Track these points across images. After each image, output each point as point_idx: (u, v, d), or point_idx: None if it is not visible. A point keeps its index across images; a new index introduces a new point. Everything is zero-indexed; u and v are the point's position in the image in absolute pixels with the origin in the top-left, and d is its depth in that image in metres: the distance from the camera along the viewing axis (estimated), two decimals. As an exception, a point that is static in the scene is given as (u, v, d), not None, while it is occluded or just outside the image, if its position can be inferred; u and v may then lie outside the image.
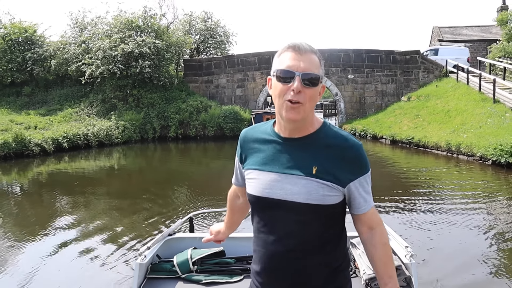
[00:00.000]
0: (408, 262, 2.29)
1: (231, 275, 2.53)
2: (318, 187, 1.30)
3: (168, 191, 9.46)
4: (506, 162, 10.32)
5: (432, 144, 14.09)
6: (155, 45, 21.19)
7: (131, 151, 18.22)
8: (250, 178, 1.41)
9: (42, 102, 23.64)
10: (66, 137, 17.06)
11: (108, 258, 5.03)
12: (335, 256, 1.40)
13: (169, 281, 2.45)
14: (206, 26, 28.58)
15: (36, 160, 15.04)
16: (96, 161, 15.60)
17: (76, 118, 20.74)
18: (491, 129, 12.94)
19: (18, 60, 24.04)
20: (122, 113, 20.94)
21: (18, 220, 7.42)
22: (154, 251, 2.60)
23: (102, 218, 7.13)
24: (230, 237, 2.77)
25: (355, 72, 22.87)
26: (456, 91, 18.11)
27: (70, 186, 10.47)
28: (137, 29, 22.14)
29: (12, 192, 10.11)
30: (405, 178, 10.35)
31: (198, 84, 24.05)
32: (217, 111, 21.22)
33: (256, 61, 23.43)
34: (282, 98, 1.30)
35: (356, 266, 2.58)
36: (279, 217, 1.34)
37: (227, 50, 29.59)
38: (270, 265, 1.36)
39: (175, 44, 22.72)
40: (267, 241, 1.36)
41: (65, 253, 5.41)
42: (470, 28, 30.08)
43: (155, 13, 23.52)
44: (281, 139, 1.37)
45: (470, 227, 6.07)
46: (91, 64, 21.27)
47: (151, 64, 21.29)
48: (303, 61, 1.29)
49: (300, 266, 1.34)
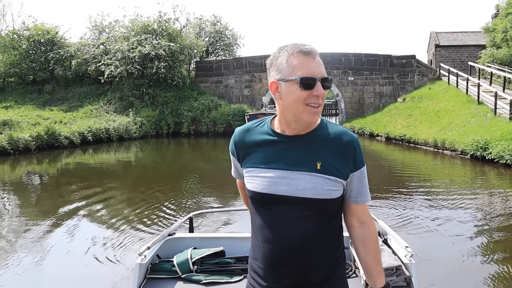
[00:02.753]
0: (408, 262, 2.27)
1: (231, 275, 2.52)
2: (323, 182, 1.33)
3: (179, 185, 9.80)
4: (480, 156, 11.97)
5: (421, 141, 15.73)
6: (170, 47, 22.89)
7: (147, 145, 19.89)
8: (251, 176, 1.41)
9: (63, 99, 25.37)
10: (91, 131, 18.82)
11: (108, 258, 5.00)
12: (336, 248, 1.43)
13: (169, 281, 2.45)
14: (216, 29, 30.26)
15: (65, 151, 16.75)
16: (116, 153, 17.17)
17: (96, 115, 22.46)
18: (473, 127, 14.54)
19: (41, 60, 25.80)
20: (139, 110, 22.69)
21: (27, 209, 7.74)
22: (154, 251, 2.59)
23: (108, 214, 7.15)
24: (230, 237, 2.91)
25: (355, 74, 24.52)
26: (447, 93, 19.76)
27: (88, 178, 11.11)
28: (153, 33, 23.86)
29: (33, 182, 10.91)
30: (396, 170, 12.03)
31: (208, 84, 25.79)
32: (226, 110, 22.92)
33: (263, 63, 25.11)
34: (303, 103, 1.31)
35: (356, 266, 2.56)
36: (283, 213, 1.35)
37: (235, 52, 31.28)
38: (275, 260, 1.36)
39: (188, 46, 24.42)
40: (271, 236, 1.36)
41: (65, 251, 5.38)
42: (466, 34, 31.64)
43: (169, 17, 25.25)
44: (284, 138, 1.38)
45: (461, 219, 6.44)
46: (110, 64, 22.99)
47: (165, 65, 23.01)
48: (318, 65, 1.32)
49: (305, 259, 1.35)
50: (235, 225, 6.14)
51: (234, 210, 6.59)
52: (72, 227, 6.41)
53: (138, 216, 6.85)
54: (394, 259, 2.35)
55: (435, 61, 30.33)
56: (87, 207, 7.64)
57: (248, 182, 1.42)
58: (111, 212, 7.29)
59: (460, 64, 29.11)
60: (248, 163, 1.43)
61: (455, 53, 30.47)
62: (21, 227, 6.43)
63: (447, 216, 6.57)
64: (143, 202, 7.91)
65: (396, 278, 2.23)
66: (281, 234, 1.35)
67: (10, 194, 9.38)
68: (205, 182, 10.05)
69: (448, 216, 6.60)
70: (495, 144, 11.62)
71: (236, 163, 1.54)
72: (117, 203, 8.13)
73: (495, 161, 11.28)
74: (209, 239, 2.81)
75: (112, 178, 11.30)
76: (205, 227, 5.92)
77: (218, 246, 2.68)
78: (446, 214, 6.69)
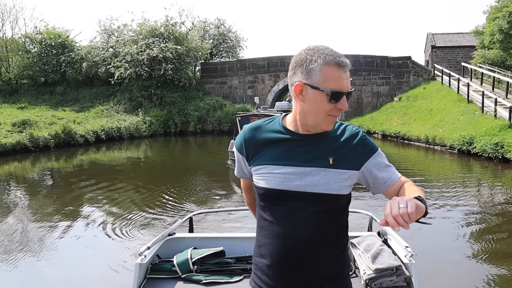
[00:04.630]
0: (408, 262, 2.29)
1: (231, 275, 2.54)
2: (336, 177, 1.35)
3: (185, 182, 10.11)
4: (466, 150, 13.07)
5: (414, 137, 16.85)
6: (177, 50, 24.03)
7: (156, 143, 21.00)
8: (263, 173, 1.40)
9: (74, 100, 26.51)
10: (104, 130, 19.99)
11: (108, 258, 5.03)
12: (344, 246, 1.46)
13: (169, 281, 2.46)
14: (219, 31, 31.42)
15: (80, 149, 17.85)
16: (127, 151, 18.24)
17: (107, 115, 23.60)
18: (462, 124, 15.64)
19: (53, 63, 26.99)
20: (148, 110, 23.85)
21: (33, 206, 8.08)
22: (154, 251, 2.60)
23: (111, 214, 7.21)
24: (230, 237, 2.89)
25: (354, 75, 25.61)
26: (440, 93, 20.87)
27: (98, 175, 11.60)
28: (160, 36, 25.01)
29: (51, 178, 11.61)
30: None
31: (213, 85, 26.97)
32: (231, 109, 24.07)
33: (265, 64, 26.28)
34: (325, 114, 1.33)
35: (356, 266, 2.56)
36: (295, 209, 1.36)
37: (238, 54, 32.43)
38: (284, 256, 1.37)
39: (193, 49, 25.58)
40: (282, 232, 1.37)
41: (65, 251, 5.43)
42: (461, 35, 32.71)
43: (175, 21, 26.40)
44: (297, 136, 1.40)
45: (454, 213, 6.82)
46: (120, 66, 24.13)
47: (173, 67, 24.16)
48: (348, 79, 1.33)
49: (314, 255, 1.37)
50: (235, 225, 6.20)
51: (234, 210, 6.65)
52: (75, 224, 6.60)
53: (140, 215, 6.92)
54: (394, 259, 2.35)
55: (431, 61, 31.40)
56: (95, 202, 8.07)
57: (259, 179, 1.41)
58: (113, 211, 7.33)
59: (456, 64, 30.16)
60: (258, 161, 1.43)
61: (450, 53, 31.55)
62: (18, 228, 6.56)
63: (441, 208, 7.01)
64: (150, 198, 8.23)
65: (396, 278, 2.24)
66: (293, 230, 1.36)
67: (26, 189, 10.10)
68: (209, 177, 10.89)
69: (442, 208, 7.03)
70: (479, 139, 12.72)
71: (242, 162, 1.52)
72: (124, 199, 8.37)
73: (479, 154, 12.39)
74: (209, 239, 2.82)
75: (123, 174, 11.98)
76: (205, 227, 5.93)
77: (218, 246, 2.69)
78: (440, 206, 7.11)
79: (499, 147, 11.64)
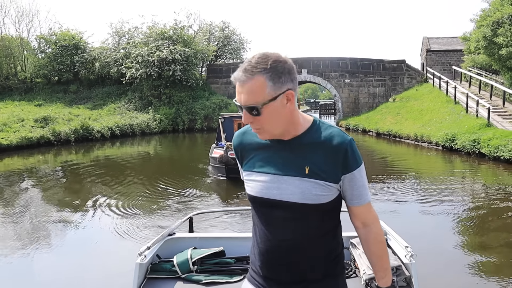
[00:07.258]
0: (408, 262, 2.29)
1: (231, 275, 2.54)
2: (311, 187, 1.34)
3: (191, 180, 10.28)
4: (449, 146, 14.59)
5: (405, 135, 18.37)
6: (185, 52, 25.56)
7: (165, 139, 22.49)
8: (249, 179, 1.45)
9: (87, 98, 28.03)
10: (118, 126, 21.55)
11: (108, 258, 5.05)
12: (333, 245, 1.45)
13: (169, 281, 2.46)
14: (224, 34, 32.92)
15: (97, 144, 19.36)
16: (139, 146, 19.61)
17: (119, 112, 25.12)
18: (448, 123, 17.13)
19: (67, 63, 28.51)
20: (157, 108, 25.41)
21: (36, 201, 8.19)
22: (154, 251, 2.60)
23: (113, 212, 7.16)
24: (230, 237, 3.00)
25: (351, 77, 27.19)
26: (430, 94, 22.41)
27: (111, 169, 12.20)
28: (169, 39, 26.55)
29: (70, 171, 12.61)
30: (383, 160, 14.65)
31: (219, 85, 28.54)
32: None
33: (268, 66, 27.78)
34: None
35: (356, 266, 2.56)
36: (276, 215, 1.38)
37: (242, 55, 33.92)
38: (270, 259, 1.41)
39: (200, 51, 27.13)
40: (266, 237, 1.41)
41: (65, 250, 5.45)
42: (455, 39, 34.11)
43: (183, 25, 27.97)
44: (272, 142, 1.41)
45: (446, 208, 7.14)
46: (131, 67, 25.66)
47: (181, 68, 25.71)
48: (243, 93, 1.29)
49: (301, 258, 1.39)
50: (235, 225, 6.26)
51: (234, 210, 6.71)
52: (75, 223, 6.65)
53: (140, 215, 6.98)
54: (394, 259, 2.36)
55: (426, 64, 32.89)
56: (101, 198, 8.24)
57: (247, 185, 1.46)
58: (115, 210, 7.32)
59: (449, 67, 31.57)
60: (246, 167, 1.47)
61: (444, 57, 33.01)
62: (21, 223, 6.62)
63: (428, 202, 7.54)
64: (154, 197, 8.36)
65: (396, 278, 2.26)
66: (275, 235, 1.39)
67: (38, 182, 10.56)
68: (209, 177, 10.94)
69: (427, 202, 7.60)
70: (460, 136, 14.22)
71: (239, 166, 1.54)
72: (130, 195, 8.47)
73: (459, 150, 13.90)
74: (209, 239, 2.84)
75: (133, 169, 12.57)
76: (205, 227, 5.95)
77: (218, 246, 2.69)
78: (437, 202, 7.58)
79: (476, 143, 13.13)
